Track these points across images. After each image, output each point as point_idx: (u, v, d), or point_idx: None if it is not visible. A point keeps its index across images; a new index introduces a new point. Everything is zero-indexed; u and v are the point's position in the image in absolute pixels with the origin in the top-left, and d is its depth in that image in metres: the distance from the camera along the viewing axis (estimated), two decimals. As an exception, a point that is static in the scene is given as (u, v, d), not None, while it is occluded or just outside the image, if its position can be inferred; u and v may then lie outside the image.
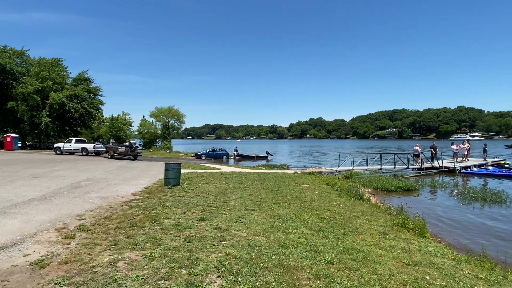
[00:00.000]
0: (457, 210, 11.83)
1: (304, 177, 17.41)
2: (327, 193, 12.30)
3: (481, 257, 5.91)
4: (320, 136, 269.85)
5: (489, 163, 26.38)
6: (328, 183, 15.08)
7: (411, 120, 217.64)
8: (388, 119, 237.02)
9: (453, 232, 9.01)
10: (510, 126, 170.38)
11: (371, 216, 8.71)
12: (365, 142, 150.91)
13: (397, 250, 5.94)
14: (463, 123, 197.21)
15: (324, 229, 7.03)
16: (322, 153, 57.99)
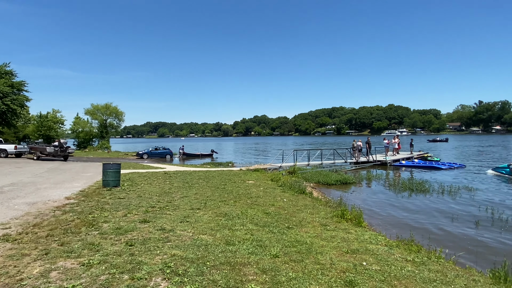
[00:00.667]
0: (389, 199, 12.90)
1: (250, 174, 17.63)
2: (272, 189, 12.59)
3: (409, 241, 6.52)
4: (264, 133, 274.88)
5: (415, 156, 29.15)
6: (272, 179, 15.44)
7: (348, 118, 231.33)
8: (328, 116, 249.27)
9: (386, 220, 9.82)
10: (432, 123, 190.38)
11: (313, 209, 9.12)
12: (307, 138, 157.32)
13: (337, 240, 6.31)
14: (393, 120, 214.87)
15: (270, 224, 7.20)
16: (266, 150, 59.17)
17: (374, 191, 14.81)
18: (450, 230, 8.74)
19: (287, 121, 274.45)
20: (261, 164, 23.66)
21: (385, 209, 11.26)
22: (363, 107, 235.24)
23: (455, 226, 9.11)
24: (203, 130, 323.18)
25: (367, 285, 4.28)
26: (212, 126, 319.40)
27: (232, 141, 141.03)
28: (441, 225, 9.21)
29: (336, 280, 4.37)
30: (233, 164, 26.81)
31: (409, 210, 11.14)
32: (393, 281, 4.46)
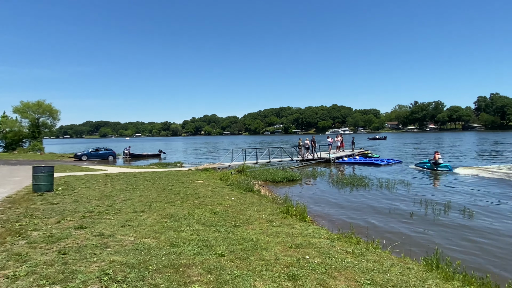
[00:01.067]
0: (332, 194, 13.53)
1: (198, 174, 17.37)
2: (220, 188, 12.52)
3: (349, 234, 6.88)
4: (214, 132, 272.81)
5: (356, 153, 30.93)
6: (221, 178, 15.37)
7: (295, 117, 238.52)
8: (276, 116, 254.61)
9: (329, 214, 10.29)
10: (372, 122, 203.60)
11: (260, 207, 9.24)
12: (256, 137, 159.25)
13: (282, 235, 6.45)
14: (336, 119, 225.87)
15: (217, 223, 7.15)
16: (216, 149, 58.75)
17: (318, 187, 15.42)
18: (387, 222, 9.39)
19: (237, 120, 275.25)
20: (210, 164, 23.43)
21: (328, 204, 11.79)
22: (309, 107, 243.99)
23: (392, 218, 9.82)
24: (150, 129, 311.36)
25: (309, 277, 4.43)
26: (160, 126, 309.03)
27: (181, 140, 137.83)
28: (379, 217, 9.87)
29: (280, 275, 4.46)
30: (182, 164, 26.21)
31: (350, 204, 11.78)
32: (334, 273, 4.67)
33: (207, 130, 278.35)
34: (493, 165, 22.60)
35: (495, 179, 16.73)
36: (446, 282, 4.61)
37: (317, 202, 12.17)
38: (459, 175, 18.38)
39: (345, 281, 4.41)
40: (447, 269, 5.12)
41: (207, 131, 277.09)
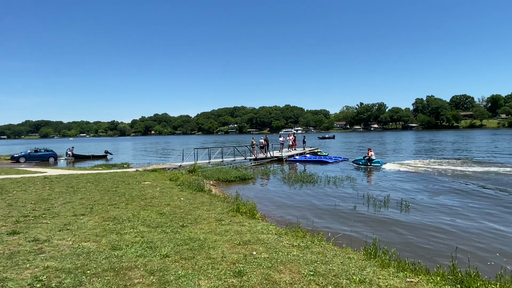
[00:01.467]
0: (283, 191, 13.84)
1: (147, 175, 16.77)
2: (169, 189, 12.21)
3: (296, 228, 7.08)
4: (165, 132, 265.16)
5: (307, 151, 31.95)
6: (171, 179, 14.98)
7: (249, 117, 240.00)
8: (230, 115, 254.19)
9: (279, 210, 10.51)
10: (322, 122, 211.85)
11: (210, 206, 9.16)
12: (210, 137, 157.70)
13: (230, 233, 6.46)
14: (289, 119, 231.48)
15: (163, 224, 6.96)
16: (167, 149, 57.16)
17: (270, 185, 15.68)
18: (333, 214, 9.83)
19: (190, 119, 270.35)
20: (160, 164, 22.73)
21: (279, 201, 12.04)
22: (263, 107, 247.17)
23: (337, 210, 10.30)
24: (96, 129, 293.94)
25: (255, 273, 4.48)
26: (107, 125, 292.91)
27: (130, 141, 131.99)
28: (326, 210, 10.30)
29: (226, 272, 4.46)
30: (129, 165, 25.11)
31: (300, 200, 12.14)
32: (279, 266, 4.77)
33: (157, 129, 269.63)
34: (423, 160, 24.72)
35: (416, 172, 18.51)
36: (383, 269, 4.92)
37: (268, 199, 12.36)
38: (388, 171, 19.98)
39: (290, 273, 4.52)
40: (384, 257, 5.46)
41: (158, 131, 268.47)
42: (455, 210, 10.22)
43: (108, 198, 10.08)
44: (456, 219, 9.20)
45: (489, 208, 10.36)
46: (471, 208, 10.43)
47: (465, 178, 16.17)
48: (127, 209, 8.46)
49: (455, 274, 4.66)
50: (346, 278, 4.41)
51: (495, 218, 9.29)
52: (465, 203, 11.10)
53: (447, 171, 18.85)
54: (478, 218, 9.32)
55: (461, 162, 23.19)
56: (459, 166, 20.97)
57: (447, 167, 20.43)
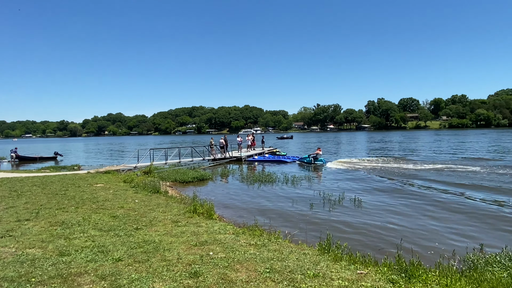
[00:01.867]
0: (241, 191, 13.88)
1: (99, 177, 15.97)
2: (123, 191, 11.74)
3: (253, 227, 7.14)
4: (120, 132, 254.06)
5: (266, 151, 32.32)
6: (125, 181, 14.41)
7: (208, 117, 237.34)
8: (188, 115, 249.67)
9: (238, 210, 10.53)
10: (281, 122, 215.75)
11: (166, 208, 8.95)
12: (167, 137, 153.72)
13: (187, 234, 6.37)
14: (249, 120, 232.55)
15: (116, 228, 6.69)
16: (122, 150, 54.88)
17: (228, 185, 15.66)
18: (290, 213, 10.05)
19: (146, 119, 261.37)
20: (113, 166, 21.76)
21: (237, 200, 12.07)
22: (222, 107, 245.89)
23: (295, 209, 10.55)
24: (43, 129, 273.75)
25: (211, 273, 4.47)
26: (56, 125, 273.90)
27: (81, 141, 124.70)
28: (284, 209, 10.51)
29: (182, 274, 4.40)
30: (80, 167, 23.74)
31: (258, 198, 12.27)
32: (236, 265, 4.80)
33: (111, 130, 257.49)
34: (367, 158, 26.15)
35: (355, 170, 19.73)
36: (335, 262, 5.13)
37: (226, 199, 12.34)
38: (333, 169, 21.03)
39: (246, 272, 4.56)
40: (336, 251, 5.70)
41: (112, 131, 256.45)
42: (394, 206, 10.92)
43: (56, 201, 9.47)
44: (396, 216, 9.84)
45: (424, 206, 11.19)
46: (404, 205, 11.19)
47: (401, 176, 17.30)
48: (77, 213, 8.02)
49: (400, 264, 4.98)
50: (301, 273, 4.54)
51: (431, 213, 10.07)
52: (398, 200, 11.88)
53: (385, 168, 20.08)
54: (416, 214, 10.04)
55: (400, 161, 24.84)
56: (399, 163, 22.47)
57: (385, 165, 21.79)
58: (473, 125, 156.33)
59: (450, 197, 11.95)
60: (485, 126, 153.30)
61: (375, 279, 4.44)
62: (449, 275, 4.54)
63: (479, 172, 17.80)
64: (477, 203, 10.96)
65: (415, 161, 24.69)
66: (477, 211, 9.92)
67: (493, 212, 9.77)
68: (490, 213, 9.67)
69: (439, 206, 10.74)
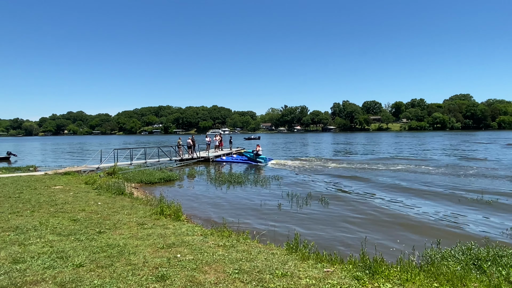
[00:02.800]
0: (209, 192, 13.74)
1: (58, 178, 15.12)
2: (84, 193, 11.20)
3: (222, 228, 7.08)
4: (81, 132, 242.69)
5: (233, 152, 32.22)
6: (87, 182, 13.76)
7: (175, 117, 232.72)
8: (155, 115, 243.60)
9: (206, 211, 10.42)
10: (249, 123, 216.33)
11: (131, 210, 8.66)
12: (133, 137, 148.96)
13: (153, 237, 6.19)
14: (217, 120, 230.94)
15: (77, 232, 6.36)
16: (84, 150, 52.42)
17: (196, 186, 15.44)
18: (258, 213, 10.09)
19: (110, 118, 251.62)
20: (74, 167, 20.72)
21: (205, 201, 11.93)
22: (190, 107, 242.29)
23: (263, 209, 10.60)
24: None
25: (179, 276, 4.37)
26: (9, 123, 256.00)
27: (38, 141, 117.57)
28: (252, 209, 10.54)
29: (148, 278, 4.26)
30: (36, 168, 22.35)
31: (226, 200, 12.19)
32: (205, 267, 4.73)
33: (72, 129, 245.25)
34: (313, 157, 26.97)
35: (297, 167, 20.19)
36: (303, 261, 5.20)
37: (194, 200, 12.16)
38: (274, 167, 21.93)
39: (215, 273, 4.51)
40: (304, 250, 5.79)
41: (72, 130, 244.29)
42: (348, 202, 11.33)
43: (9, 205, 8.84)
44: (350, 212, 10.21)
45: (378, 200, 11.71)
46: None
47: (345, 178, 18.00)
48: (33, 217, 7.53)
49: (365, 261, 5.16)
50: (269, 273, 4.56)
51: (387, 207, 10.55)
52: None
53: (327, 167, 20.80)
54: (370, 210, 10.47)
55: (348, 162, 25.84)
56: (346, 164, 23.35)
57: (331, 165, 22.59)
58: (430, 128, 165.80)
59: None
60: (441, 128, 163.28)
61: (341, 276, 4.55)
62: (409, 270, 4.76)
63: (402, 170, 18.91)
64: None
65: (351, 160, 25.76)
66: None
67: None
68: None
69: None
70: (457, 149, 38.71)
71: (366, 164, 23.22)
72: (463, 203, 11.27)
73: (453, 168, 20.40)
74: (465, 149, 37.49)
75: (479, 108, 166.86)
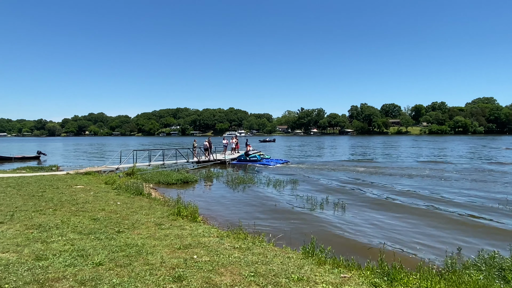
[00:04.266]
0: (225, 193, 13.84)
1: (79, 178, 15.54)
2: (104, 193, 11.46)
3: (238, 230, 7.10)
4: (102, 133, 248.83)
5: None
6: (107, 182, 14.08)
7: (193, 119, 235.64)
8: (172, 117, 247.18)
9: (222, 213, 10.48)
10: (265, 125, 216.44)
11: (149, 210, 8.80)
12: (151, 139, 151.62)
13: (170, 237, 6.26)
14: (233, 122, 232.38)
15: (97, 231, 6.50)
16: (104, 151, 53.69)
17: (212, 188, 15.57)
18: (274, 216, 10.06)
19: (129, 120, 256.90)
20: (94, 167, 21.23)
21: (221, 203, 12.02)
22: (207, 109, 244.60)
23: (279, 212, 10.57)
24: (19, 128, 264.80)
25: (195, 277, 4.40)
26: (33, 124, 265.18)
27: (60, 141, 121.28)
28: (268, 212, 10.52)
29: (165, 278, 4.31)
30: (58, 168, 23.04)
31: (242, 201, 12.24)
32: (221, 269, 4.74)
33: (93, 130, 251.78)
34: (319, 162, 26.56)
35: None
36: (319, 266, 5.14)
37: (211, 202, 12.25)
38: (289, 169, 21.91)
39: (231, 275, 4.52)
40: (320, 255, 5.72)
41: (93, 131, 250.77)
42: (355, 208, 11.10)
43: (33, 203, 9.14)
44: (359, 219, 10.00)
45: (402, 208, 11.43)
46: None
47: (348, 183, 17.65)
48: (55, 216, 7.76)
49: (383, 268, 5.05)
50: (285, 277, 4.53)
51: (402, 216, 10.29)
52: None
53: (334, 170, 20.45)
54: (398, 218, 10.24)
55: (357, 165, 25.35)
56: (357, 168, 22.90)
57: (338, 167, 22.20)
58: (451, 132, 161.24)
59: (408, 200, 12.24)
60: (463, 132, 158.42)
61: (358, 282, 4.47)
62: (429, 278, 4.63)
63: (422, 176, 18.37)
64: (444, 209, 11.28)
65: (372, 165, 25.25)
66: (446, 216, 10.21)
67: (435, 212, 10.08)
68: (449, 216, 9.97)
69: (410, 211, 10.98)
70: (487, 155, 37.48)
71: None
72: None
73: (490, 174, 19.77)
74: (495, 155, 36.23)
75: (503, 112, 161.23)
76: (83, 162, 30.73)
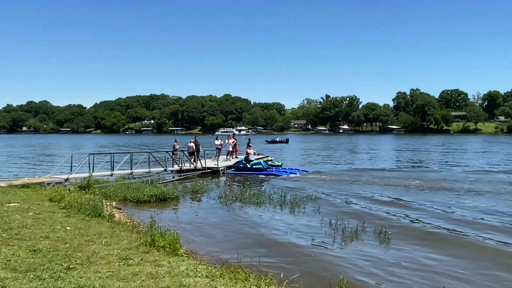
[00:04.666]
0: (218, 216, 14.00)
1: (13, 193, 15.69)
2: (49, 213, 11.59)
3: (236, 268, 7.12)
4: (45, 129, 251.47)
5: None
6: (52, 199, 14.21)
7: (173, 110, 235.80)
8: (144, 107, 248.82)
9: (213, 243, 10.58)
10: (275, 119, 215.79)
11: (111, 238, 8.86)
12: (114, 138, 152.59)
13: (141, 277, 6.29)
14: (230, 115, 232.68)
15: (38, 267, 6.56)
16: (48, 154, 54.24)
17: (200, 208, 15.72)
18: (286, 248, 10.12)
19: (84, 111, 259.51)
20: (35, 177, 21.41)
21: (212, 229, 12.14)
22: (193, 97, 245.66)
23: (293, 243, 10.62)
24: None
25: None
26: None
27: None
28: (277, 242, 10.63)
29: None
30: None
31: (241, 227, 12.34)
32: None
33: (33, 125, 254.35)
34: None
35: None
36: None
37: (197, 228, 12.34)
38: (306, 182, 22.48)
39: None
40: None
41: (33, 127, 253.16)
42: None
43: None
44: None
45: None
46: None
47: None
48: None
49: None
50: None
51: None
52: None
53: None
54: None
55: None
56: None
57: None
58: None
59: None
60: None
61: None
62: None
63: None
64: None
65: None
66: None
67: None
68: None
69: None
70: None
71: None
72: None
73: None
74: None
75: None
76: (19, 171, 30.99)
